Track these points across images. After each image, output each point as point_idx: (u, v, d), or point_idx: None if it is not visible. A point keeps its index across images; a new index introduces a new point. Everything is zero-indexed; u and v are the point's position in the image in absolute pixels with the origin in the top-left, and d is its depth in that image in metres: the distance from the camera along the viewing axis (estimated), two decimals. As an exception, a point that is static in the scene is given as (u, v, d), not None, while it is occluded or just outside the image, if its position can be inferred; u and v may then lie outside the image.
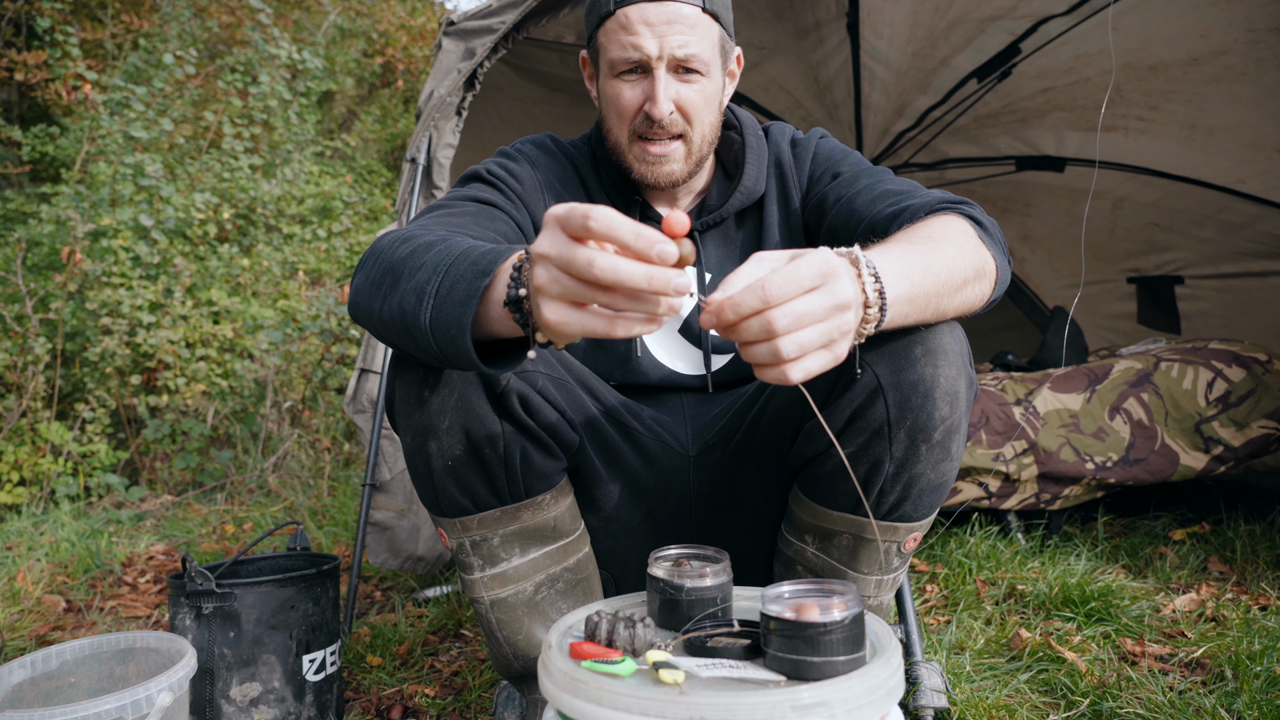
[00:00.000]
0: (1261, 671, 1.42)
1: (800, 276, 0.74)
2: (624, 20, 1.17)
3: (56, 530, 2.88)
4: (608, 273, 0.69)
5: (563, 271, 0.72)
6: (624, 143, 1.24)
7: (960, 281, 0.95)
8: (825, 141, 1.35)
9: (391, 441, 2.13)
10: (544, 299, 0.74)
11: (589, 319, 0.73)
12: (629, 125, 1.22)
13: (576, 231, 0.71)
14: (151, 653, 1.35)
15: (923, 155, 3.68)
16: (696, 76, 1.20)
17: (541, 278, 0.74)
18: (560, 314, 0.74)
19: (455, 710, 1.53)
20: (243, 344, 4.33)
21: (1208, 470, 2.30)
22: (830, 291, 0.75)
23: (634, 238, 0.69)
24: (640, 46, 1.16)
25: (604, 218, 0.70)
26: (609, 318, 0.73)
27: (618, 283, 0.69)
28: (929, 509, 1.09)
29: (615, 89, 1.21)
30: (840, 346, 0.78)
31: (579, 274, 0.71)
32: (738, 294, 0.74)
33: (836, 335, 0.77)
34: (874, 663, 0.79)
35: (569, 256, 0.71)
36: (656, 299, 0.71)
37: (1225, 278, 3.14)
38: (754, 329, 0.74)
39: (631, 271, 0.69)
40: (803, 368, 0.75)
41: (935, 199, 1.09)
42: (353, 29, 7.63)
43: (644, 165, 1.24)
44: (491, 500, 1.08)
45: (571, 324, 0.74)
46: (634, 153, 1.24)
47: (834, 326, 0.76)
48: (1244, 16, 2.32)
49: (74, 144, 5.05)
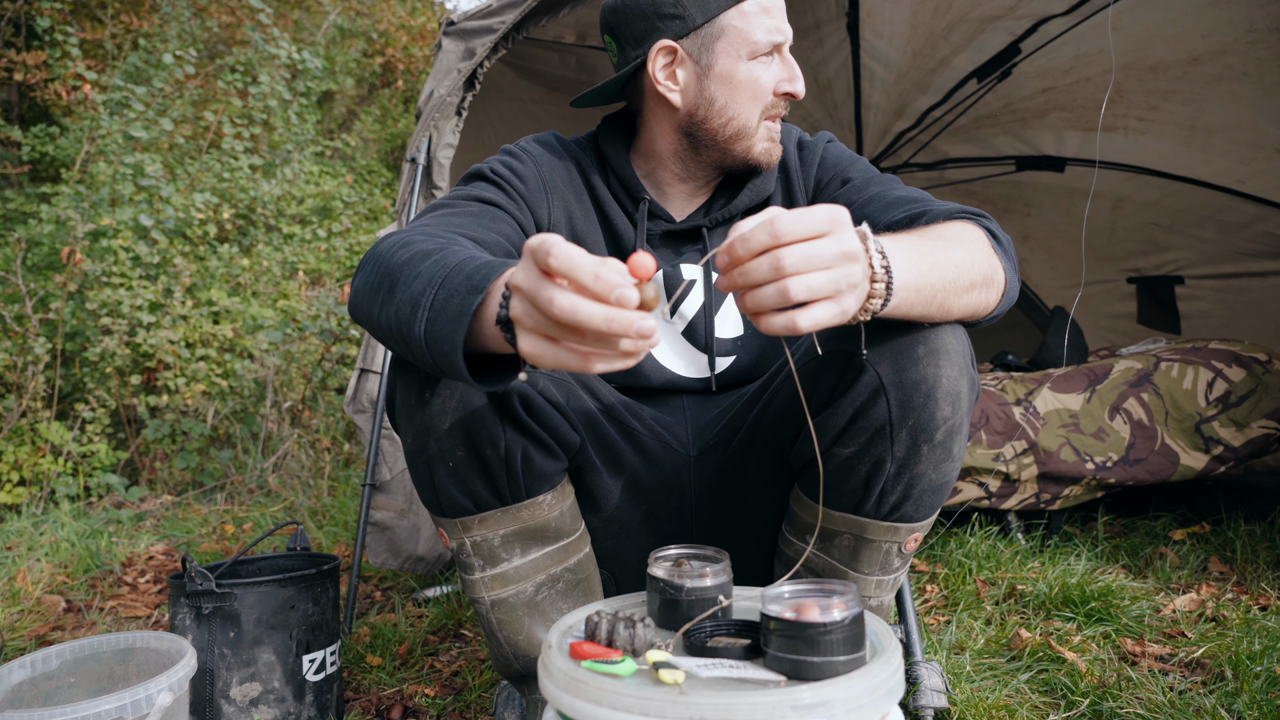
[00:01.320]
0: (1261, 671, 1.42)
1: (810, 218, 0.75)
2: (767, 3, 1.22)
3: (56, 530, 2.88)
4: (567, 313, 0.69)
5: (532, 306, 0.72)
6: (753, 124, 1.25)
7: (968, 283, 0.95)
8: (833, 146, 1.35)
9: (391, 441, 2.13)
10: (521, 331, 0.75)
11: (562, 354, 0.73)
12: (763, 106, 1.24)
13: (542, 266, 0.71)
14: (151, 653, 1.35)
15: (923, 155, 3.68)
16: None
17: (517, 309, 0.74)
18: (535, 347, 0.74)
19: (455, 710, 1.53)
20: (243, 344, 4.33)
21: (1208, 470, 2.30)
22: (839, 239, 0.76)
23: (592, 280, 0.68)
24: (783, 30, 1.22)
25: (562, 255, 0.69)
26: (581, 354, 0.73)
27: (577, 324, 0.69)
28: (930, 509, 1.09)
29: (753, 71, 1.22)
30: (848, 300, 0.78)
31: (543, 311, 0.70)
32: (748, 230, 0.74)
33: (844, 287, 0.77)
34: (874, 663, 0.79)
35: (534, 291, 0.71)
36: (618, 340, 0.70)
37: (1225, 278, 3.14)
38: (763, 268, 0.74)
39: (590, 313, 0.68)
40: (811, 316, 0.75)
41: (954, 208, 1.10)
42: (353, 29, 7.63)
43: (770, 143, 1.27)
44: (492, 500, 1.08)
45: (546, 357, 0.73)
46: (762, 133, 1.26)
47: (842, 276, 0.76)
48: (1244, 16, 2.32)
49: (74, 144, 5.05)
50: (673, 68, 1.24)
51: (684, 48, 1.23)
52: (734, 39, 1.21)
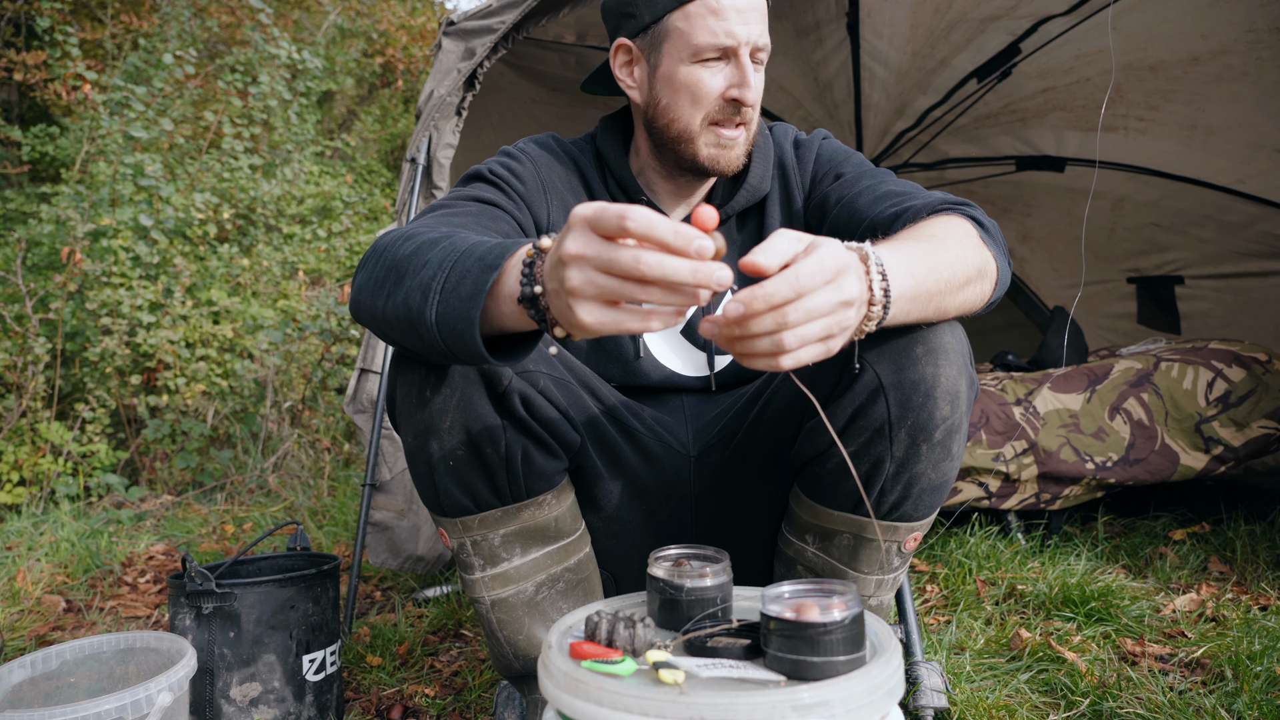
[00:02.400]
0: (1261, 671, 1.42)
1: (826, 269, 0.75)
2: (715, 6, 1.17)
3: (56, 530, 2.88)
4: (655, 269, 0.70)
5: (601, 271, 0.72)
6: (695, 128, 1.22)
7: (962, 281, 0.95)
8: (828, 143, 1.35)
9: (391, 441, 2.13)
10: (579, 300, 0.74)
11: (624, 317, 0.74)
12: (704, 111, 1.21)
13: (611, 231, 0.71)
14: (151, 653, 1.35)
15: (923, 155, 3.68)
16: (761, 67, 1.22)
17: (576, 279, 0.73)
18: (596, 315, 0.74)
19: (455, 710, 1.53)
20: (243, 344, 4.33)
21: (1208, 470, 2.30)
22: (839, 287, 0.76)
23: (673, 235, 0.70)
24: (734, 34, 1.16)
25: (641, 217, 0.70)
26: (644, 314, 0.74)
27: (664, 278, 0.70)
28: (930, 509, 1.09)
29: (694, 75, 1.19)
30: (836, 342, 0.79)
31: (623, 272, 0.71)
32: (771, 285, 0.74)
33: (836, 331, 0.77)
34: (874, 663, 0.79)
35: (610, 257, 0.71)
36: (697, 292, 0.72)
37: (1225, 278, 3.14)
38: (765, 322, 0.74)
39: (678, 267, 0.70)
40: (794, 358, 0.76)
41: (937, 200, 1.10)
42: (353, 29, 7.63)
43: (718, 150, 1.23)
44: (493, 500, 1.08)
45: (608, 323, 0.74)
46: (706, 138, 1.22)
47: (835, 322, 0.77)
48: (1244, 16, 2.32)
49: (74, 144, 5.05)
50: (630, 66, 1.27)
51: (637, 46, 1.25)
52: (677, 40, 1.20)
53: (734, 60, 1.19)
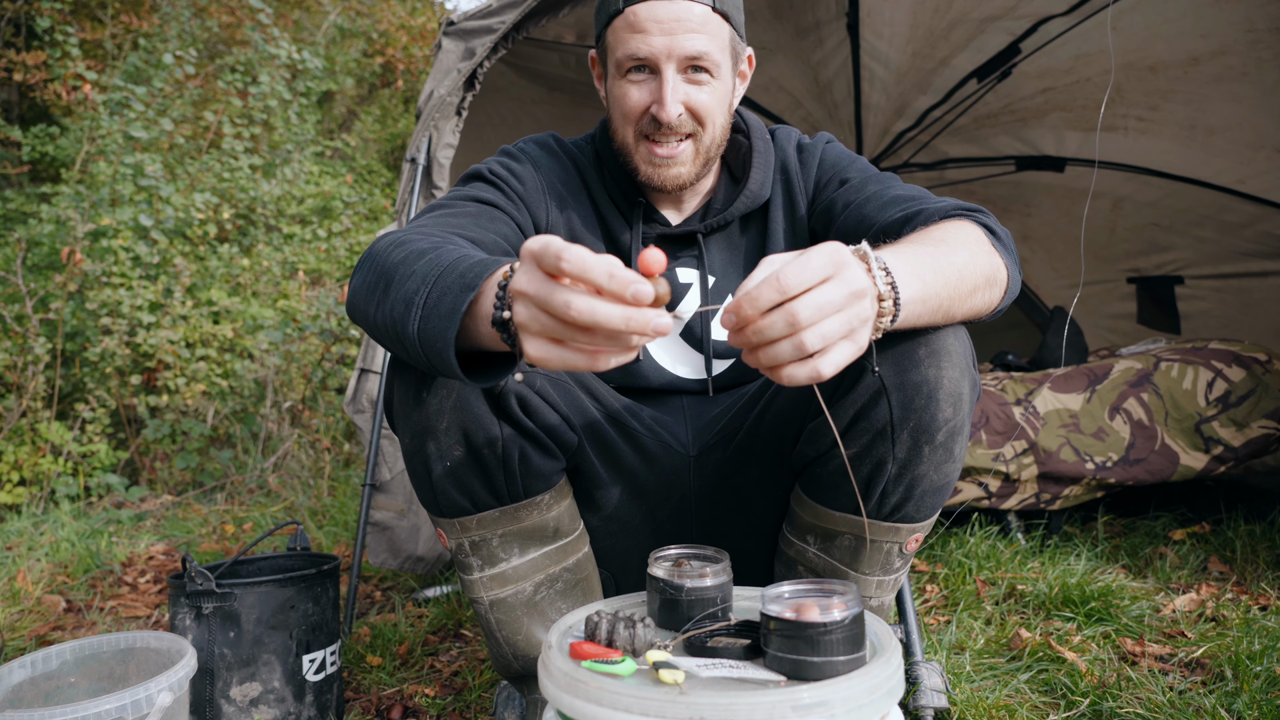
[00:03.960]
0: (1261, 671, 1.42)
1: (814, 266, 0.74)
2: (632, 19, 1.15)
3: (56, 530, 2.88)
4: (585, 315, 0.69)
5: (541, 310, 0.72)
6: (630, 144, 1.22)
7: (971, 287, 0.95)
8: (831, 147, 1.34)
9: (391, 441, 2.13)
10: (525, 335, 0.74)
11: (569, 355, 0.73)
12: (635, 126, 1.20)
13: (549, 269, 0.70)
14: (151, 653, 1.35)
15: (923, 155, 3.68)
16: (706, 77, 1.18)
17: (522, 315, 0.73)
18: (542, 350, 0.74)
19: (455, 710, 1.53)
20: (243, 344, 4.33)
21: (1208, 470, 2.30)
22: (845, 280, 0.75)
23: (607, 279, 0.68)
24: (648, 44, 1.14)
25: (575, 258, 0.69)
26: (589, 353, 0.73)
27: (595, 325, 0.69)
28: (931, 510, 1.09)
29: (622, 89, 1.19)
30: (861, 336, 0.78)
31: (556, 315, 0.70)
32: (753, 289, 0.73)
33: (857, 324, 0.77)
34: (874, 663, 0.79)
35: (545, 296, 0.70)
36: (630, 337, 0.70)
37: (1225, 278, 3.14)
38: (778, 325, 0.73)
39: (609, 314, 0.68)
40: (832, 361, 0.75)
41: (949, 205, 1.09)
42: (353, 29, 7.63)
43: (651, 167, 1.22)
44: (490, 501, 1.08)
45: (553, 359, 0.73)
46: (640, 154, 1.22)
47: (854, 315, 0.76)
48: (1244, 16, 2.32)
49: (74, 144, 5.05)
50: (600, 78, 1.30)
51: (597, 57, 1.28)
52: (611, 55, 1.20)
53: (659, 74, 1.17)
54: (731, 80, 1.24)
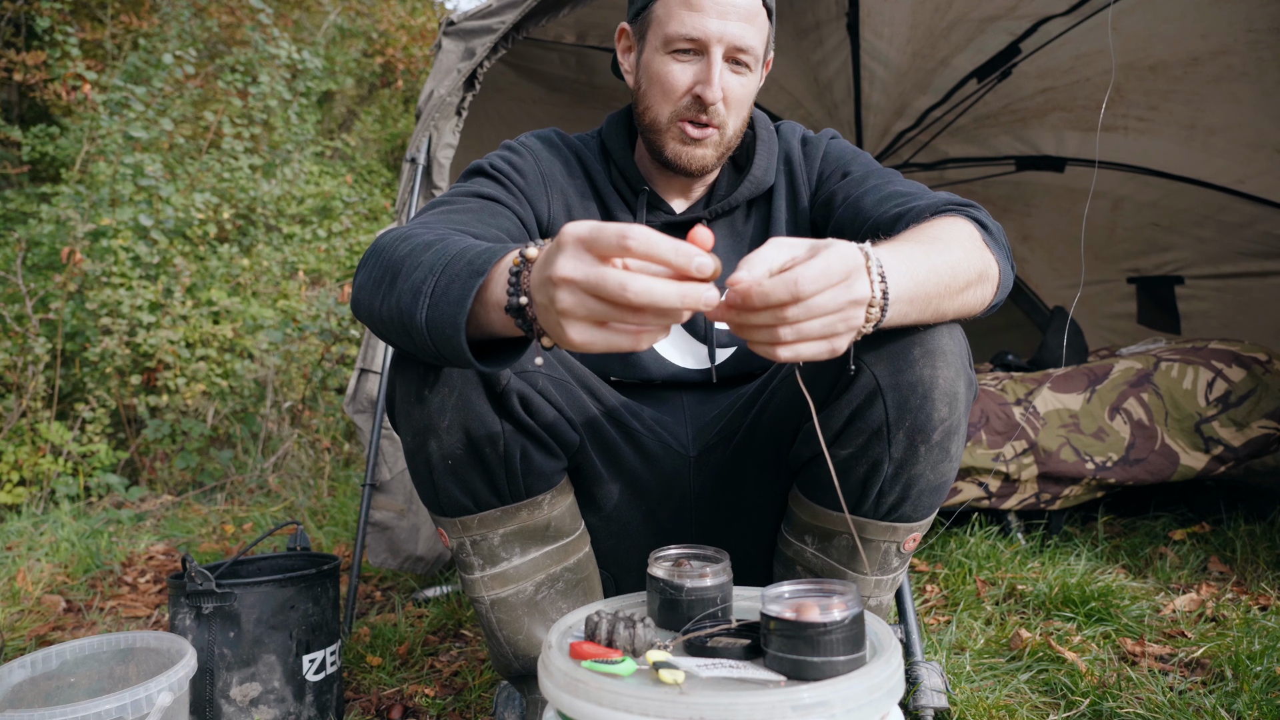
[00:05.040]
0: (1261, 671, 1.42)
1: (831, 270, 0.75)
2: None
3: (56, 530, 2.88)
4: (643, 296, 0.69)
5: (590, 295, 0.71)
6: (663, 121, 1.22)
7: (963, 284, 0.95)
8: (836, 142, 1.35)
9: (391, 441, 2.13)
10: (569, 321, 0.73)
11: (614, 337, 0.73)
12: (673, 105, 1.20)
13: (609, 251, 0.70)
14: (151, 653, 1.35)
15: (923, 155, 3.68)
16: (744, 70, 1.19)
17: (566, 302, 0.73)
18: (586, 335, 0.74)
19: (455, 710, 1.53)
20: (243, 344, 4.33)
21: (1208, 470, 2.30)
22: (849, 288, 0.76)
23: (675, 254, 0.69)
24: (703, 27, 1.14)
25: (642, 236, 0.69)
26: (634, 333, 0.73)
27: (651, 305, 0.69)
28: (928, 509, 1.09)
29: (666, 66, 1.19)
30: (840, 341, 0.79)
31: (610, 297, 0.70)
32: (769, 284, 0.73)
33: (842, 329, 0.78)
34: (874, 663, 0.79)
35: (598, 280, 0.70)
36: (682, 313, 0.71)
37: (1225, 278, 3.14)
38: (765, 317, 0.75)
39: (666, 293, 0.69)
40: (793, 351, 0.76)
41: (941, 200, 1.09)
42: (353, 29, 7.63)
43: (681, 145, 1.22)
44: (492, 499, 1.08)
45: (598, 343, 0.74)
46: (672, 132, 1.22)
47: (840, 319, 0.77)
48: (1244, 16, 2.32)
49: (74, 144, 5.04)
50: (628, 51, 1.27)
51: (633, 31, 1.25)
52: (656, 28, 1.19)
53: (705, 56, 1.17)
54: (760, 77, 1.26)
